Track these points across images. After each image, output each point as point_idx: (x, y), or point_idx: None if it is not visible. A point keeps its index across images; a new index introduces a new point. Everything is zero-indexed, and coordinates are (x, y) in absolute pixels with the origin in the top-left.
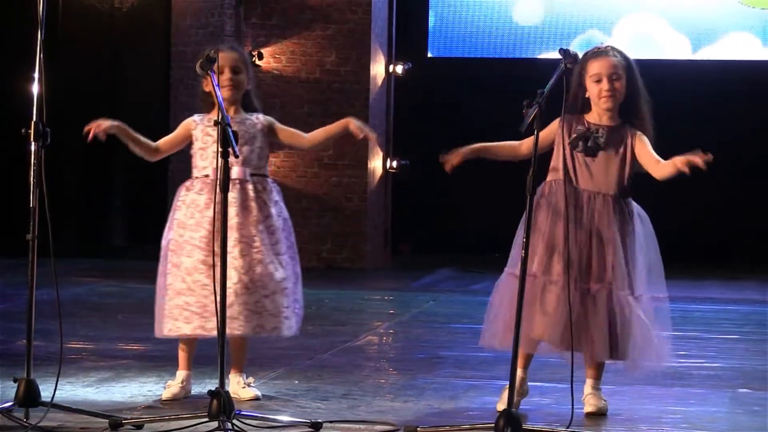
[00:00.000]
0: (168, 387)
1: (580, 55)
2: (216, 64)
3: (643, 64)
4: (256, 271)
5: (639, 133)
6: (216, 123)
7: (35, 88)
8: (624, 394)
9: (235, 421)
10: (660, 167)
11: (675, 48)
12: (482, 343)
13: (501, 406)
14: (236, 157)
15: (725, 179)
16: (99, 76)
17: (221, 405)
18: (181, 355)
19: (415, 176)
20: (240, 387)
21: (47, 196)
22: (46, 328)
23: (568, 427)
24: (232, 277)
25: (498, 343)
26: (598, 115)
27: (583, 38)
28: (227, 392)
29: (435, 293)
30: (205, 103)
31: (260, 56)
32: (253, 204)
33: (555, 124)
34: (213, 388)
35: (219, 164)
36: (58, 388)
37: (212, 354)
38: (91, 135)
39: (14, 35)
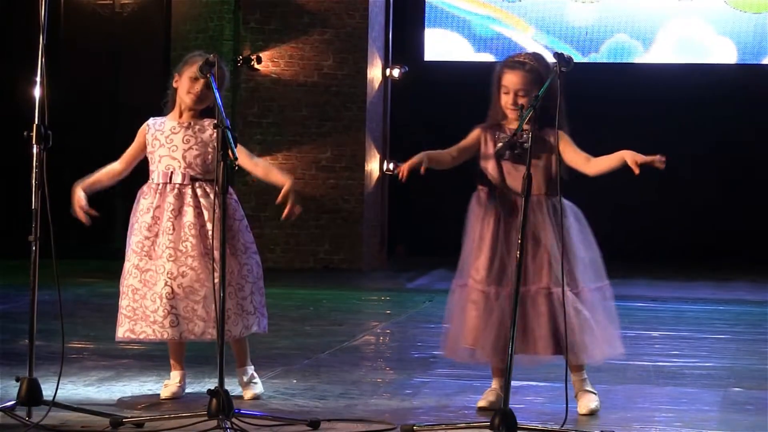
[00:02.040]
0: (166, 386)
1: (574, 60)
2: (214, 68)
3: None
4: (186, 277)
5: (561, 132)
6: (215, 126)
7: (37, 92)
8: (617, 393)
9: (234, 420)
10: (593, 164)
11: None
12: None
13: (483, 402)
14: (235, 159)
15: (724, 180)
16: (99, 80)
17: (220, 404)
18: (172, 357)
19: (411, 178)
20: (243, 384)
21: (49, 198)
22: (48, 328)
23: (562, 426)
24: (159, 282)
25: (450, 353)
26: (511, 122)
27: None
28: (226, 391)
29: (430, 294)
30: (171, 101)
31: (259, 60)
32: (188, 209)
33: (476, 133)
34: (212, 387)
35: (219, 167)
36: (59, 387)
37: (211, 354)
38: (85, 220)
39: (16, 39)
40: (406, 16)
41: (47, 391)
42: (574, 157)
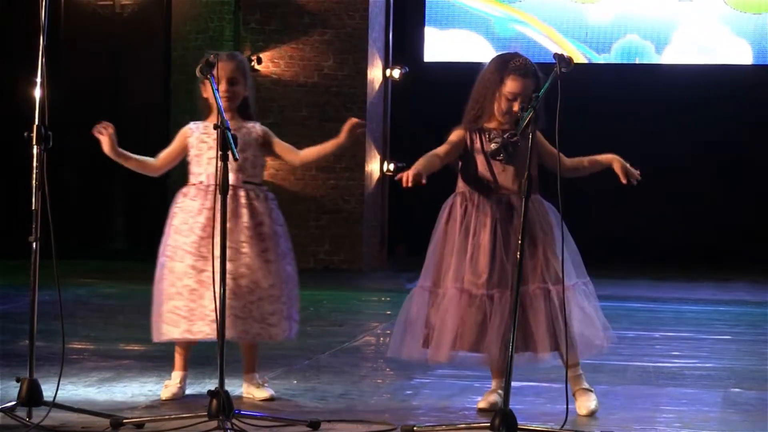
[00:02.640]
0: (166, 387)
1: (574, 61)
2: (215, 69)
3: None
4: (243, 277)
5: (539, 134)
6: (215, 127)
7: (37, 92)
8: (617, 394)
9: (234, 421)
10: (572, 166)
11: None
12: (392, 354)
13: (483, 403)
14: (236, 160)
15: (724, 180)
16: (100, 81)
17: (221, 404)
18: (177, 357)
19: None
20: (254, 387)
21: (49, 198)
22: (48, 329)
23: (562, 427)
24: (219, 282)
25: (432, 356)
26: (498, 122)
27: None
28: (227, 392)
29: None
30: (204, 109)
31: (259, 61)
32: (244, 210)
33: (461, 133)
34: (212, 388)
35: (218, 167)
36: (59, 387)
37: (212, 354)
38: (100, 134)
39: (16, 39)
40: (406, 16)
41: (47, 391)
42: (550, 157)
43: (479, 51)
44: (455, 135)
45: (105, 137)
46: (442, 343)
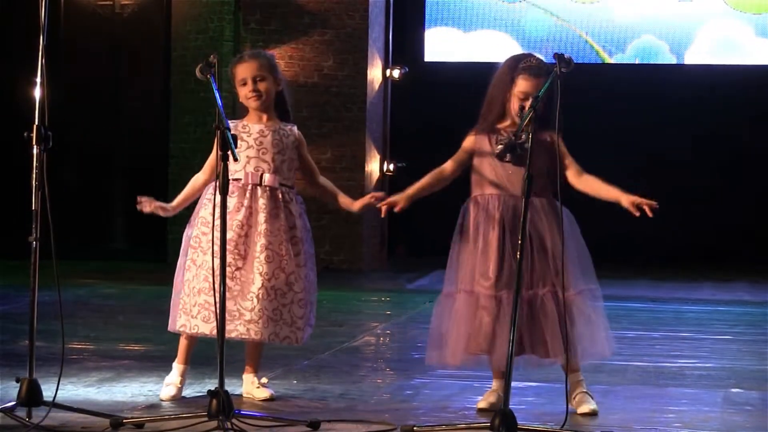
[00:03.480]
0: (166, 386)
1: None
2: (215, 69)
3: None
4: (279, 280)
5: (556, 136)
6: (215, 127)
7: (37, 92)
8: (617, 394)
9: (234, 421)
10: (584, 181)
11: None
12: (429, 362)
13: (483, 403)
14: (235, 160)
15: (724, 179)
16: (100, 80)
17: (220, 404)
18: (182, 348)
19: (412, 179)
20: (254, 387)
21: (49, 198)
22: (48, 329)
23: (562, 427)
24: (256, 282)
25: (448, 360)
26: (511, 123)
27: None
28: (227, 392)
29: (431, 294)
30: (241, 109)
31: None
32: (281, 213)
33: (471, 140)
34: (212, 388)
35: (218, 167)
36: (59, 387)
37: (212, 354)
38: (144, 208)
39: (16, 39)
40: (406, 16)
41: (47, 391)
42: (569, 166)
43: (480, 51)
44: (466, 142)
45: (157, 210)
46: (456, 346)
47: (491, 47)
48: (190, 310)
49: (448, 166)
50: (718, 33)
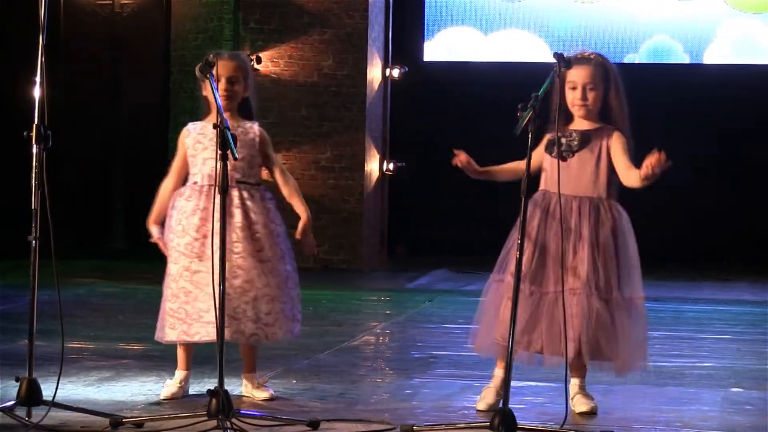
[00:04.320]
0: (166, 386)
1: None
2: (215, 69)
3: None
4: (237, 278)
5: (617, 133)
6: (215, 126)
7: (37, 92)
8: (617, 393)
9: (233, 420)
10: (630, 176)
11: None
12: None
13: (482, 404)
14: (235, 159)
15: (724, 179)
16: (99, 80)
17: (220, 404)
18: (180, 356)
19: (411, 178)
20: (254, 387)
21: (49, 198)
22: (48, 329)
23: (562, 426)
24: (213, 283)
25: (480, 348)
26: (578, 119)
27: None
28: (226, 391)
29: (430, 294)
30: (205, 107)
31: (258, 60)
32: (236, 210)
33: (545, 139)
34: (212, 388)
35: (218, 167)
36: (59, 387)
37: (212, 354)
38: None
39: (16, 39)
40: (406, 16)
41: (47, 391)
42: (617, 161)
43: (480, 51)
44: (540, 143)
45: (159, 241)
46: (484, 335)
47: (513, 47)
48: (163, 319)
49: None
50: (734, 32)
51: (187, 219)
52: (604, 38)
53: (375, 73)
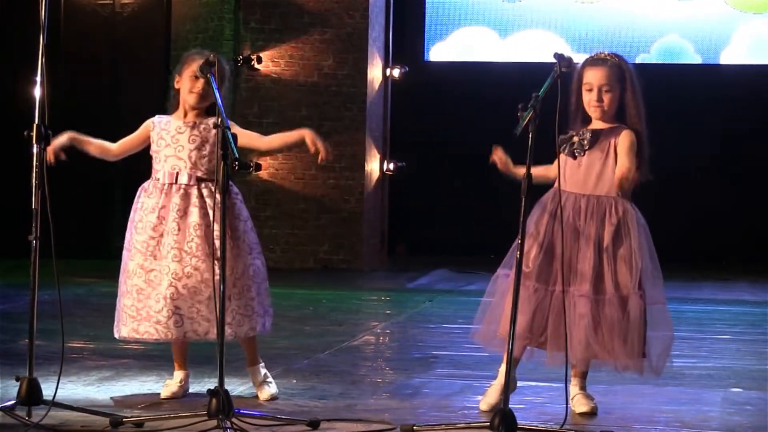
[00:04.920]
0: (166, 386)
1: (575, 60)
2: (214, 68)
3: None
4: (191, 278)
5: (626, 131)
6: (215, 126)
7: (37, 92)
8: (617, 393)
9: (233, 420)
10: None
11: None
12: (476, 337)
13: (484, 405)
14: (236, 159)
15: (725, 179)
16: (99, 80)
17: (220, 404)
18: (175, 357)
19: (412, 178)
20: (258, 382)
21: (49, 197)
22: (48, 328)
23: (562, 426)
24: (164, 282)
25: (481, 339)
26: (594, 121)
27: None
28: (226, 391)
29: (431, 294)
30: (174, 102)
31: (259, 60)
32: (194, 209)
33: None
34: (212, 387)
35: (219, 167)
36: (59, 386)
37: (212, 354)
38: (49, 159)
39: (16, 39)
40: (406, 16)
41: (47, 390)
42: (618, 160)
43: (481, 51)
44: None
45: (56, 142)
46: (486, 329)
47: (515, 47)
48: (138, 315)
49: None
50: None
51: (147, 216)
52: (608, 39)
53: (375, 73)
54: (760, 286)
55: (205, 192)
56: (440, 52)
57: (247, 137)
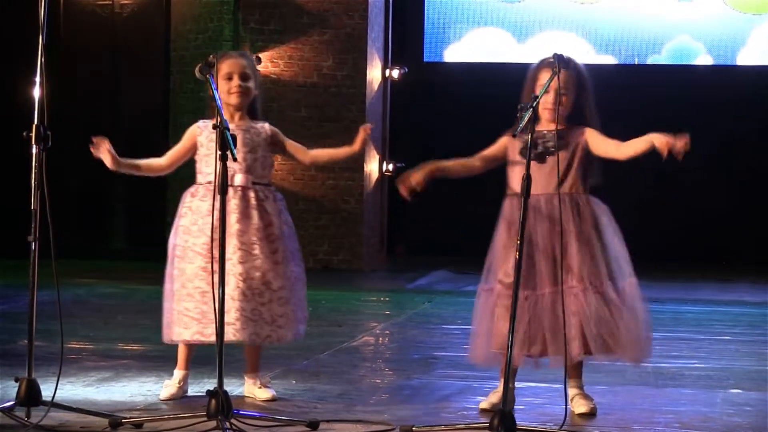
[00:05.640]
0: (165, 386)
1: (575, 60)
2: (215, 69)
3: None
4: (254, 279)
5: (588, 129)
6: (215, 127)
7: (37, 92)
8: (616, 395)
9: (233, 421)
10: (624, 147)
11: None
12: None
13: (484, 404)
14: (234, 160)
15: (725, 180)
16: (99, 80)
17: (219, 404)
18: (181, 356)
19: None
20: (256, 387)
21: (48, 198)
22: (47, 329)
23: (561, 427)
24: (230, 283)
25: (478, 359)
26: (546, 122)
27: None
28: (226, 392)
29: (430, 294)
30: (210, 111)
31: (258, 60)
32: (254, 212)
33: (504, 140)
34: (211, 388)
35: (218, 167)
36: (58, 387)
37: (211, 354)
38: (95, 150)
39: (16, 39)
40: (406, 16)
41: (46, 391)
42: (605, 147)
43: (480, 51)
44: (498, 142)
45: (106, 155)
46: (478, 344)
47: (515, 47)
48: (176, 319)
49: (477, 158)
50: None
51: (203, 219)
52: (613, 40)
53: (375, 73)
54: (760, 286)
55: (261, 195)
56: (440, 52)
57: (292, 148)
